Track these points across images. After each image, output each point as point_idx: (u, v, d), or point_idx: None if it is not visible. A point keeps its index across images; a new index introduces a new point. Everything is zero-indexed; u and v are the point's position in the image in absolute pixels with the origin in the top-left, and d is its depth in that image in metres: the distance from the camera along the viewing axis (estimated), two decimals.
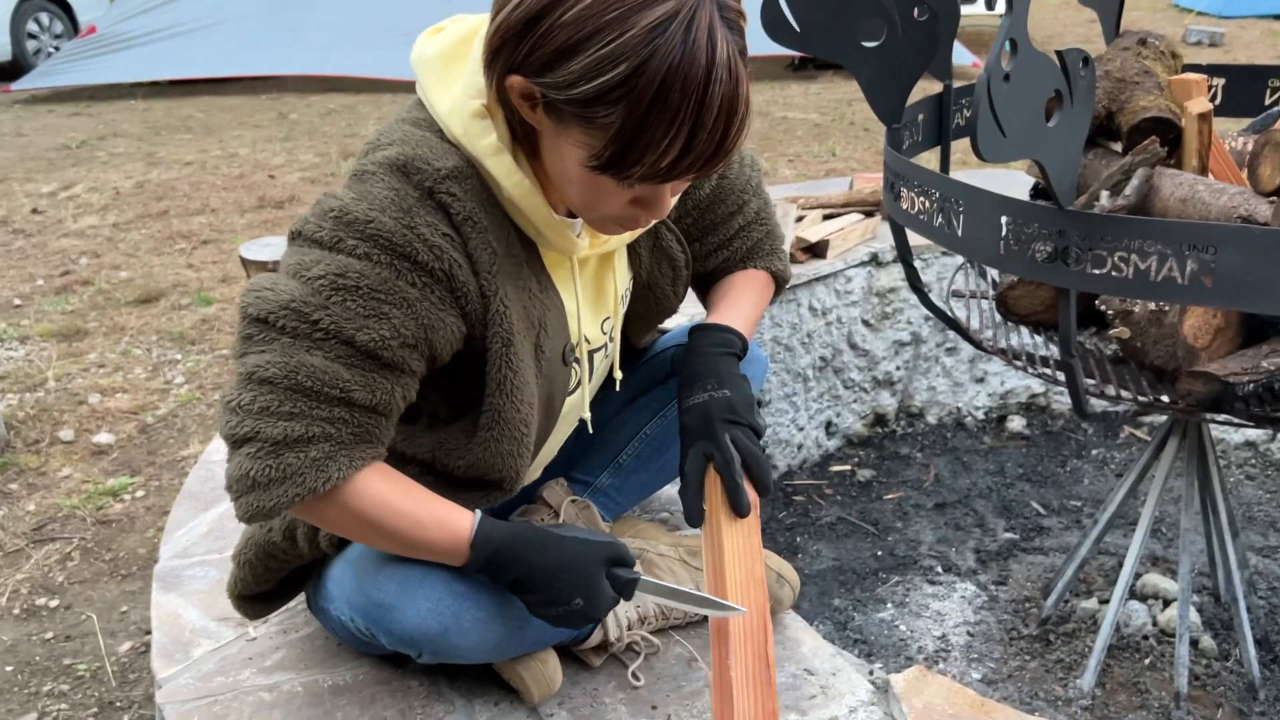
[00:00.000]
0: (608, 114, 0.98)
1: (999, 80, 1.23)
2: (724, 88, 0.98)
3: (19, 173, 5.92)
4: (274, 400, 1.05)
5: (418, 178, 1.08)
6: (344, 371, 1.06)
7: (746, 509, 1.25)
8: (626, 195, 1.08)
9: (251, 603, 1.35)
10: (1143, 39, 1.84)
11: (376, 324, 1.06)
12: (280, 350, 1.05)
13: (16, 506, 2.61)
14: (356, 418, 1.08)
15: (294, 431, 1.05)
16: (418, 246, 1.06)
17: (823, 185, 3.44)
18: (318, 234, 1.07)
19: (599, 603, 1.16)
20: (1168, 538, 2.44)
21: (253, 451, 1.05)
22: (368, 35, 7.94)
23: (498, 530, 1.15)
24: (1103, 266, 1.35)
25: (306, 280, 1.05)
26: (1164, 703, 1.90)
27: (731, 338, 1.36)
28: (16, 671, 2.04)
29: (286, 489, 1.05)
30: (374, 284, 1.05)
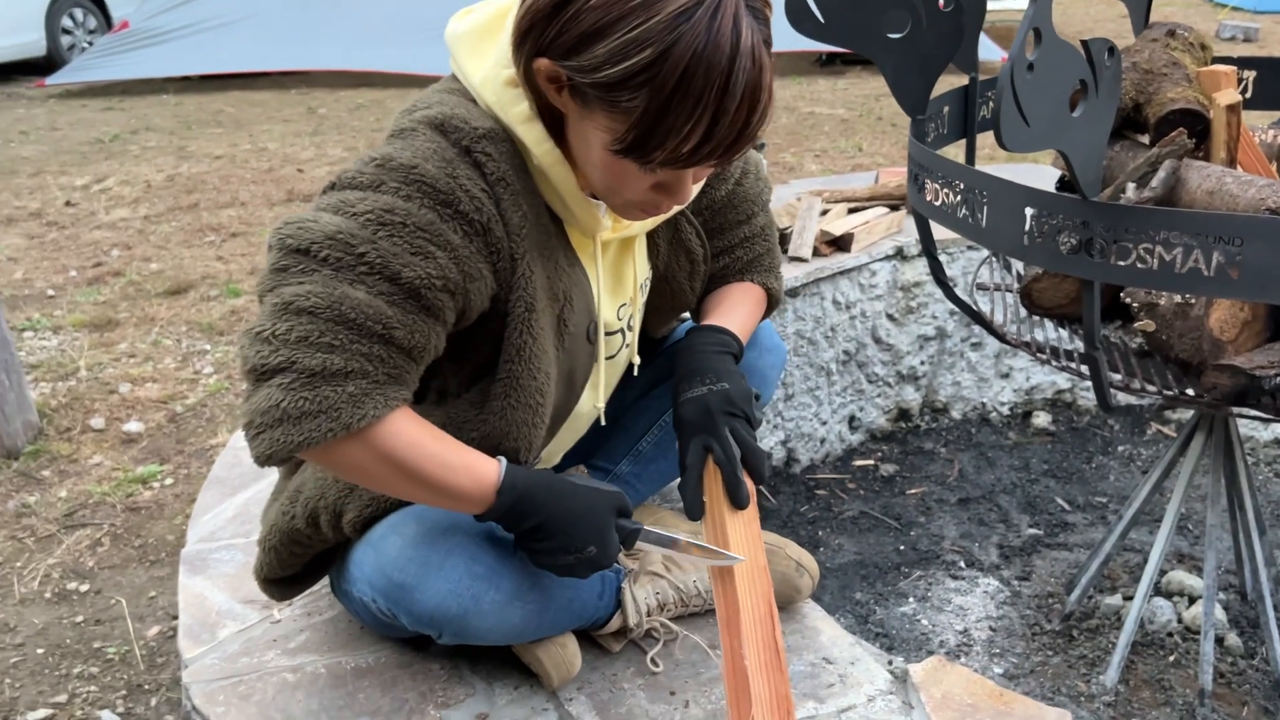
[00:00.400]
0: (631, 98, 1.00)
1: (1023, 69, 1.23)
2: (747, 75, 0.99)
3: (53, 166, 6.00)
4: (314, 330, 1.01)
5: (455, 135, 1.09)
6: (386, 308, 1.04)
7: (746, 501, 1.26)
8: (648, 180, 1.09)
9: (277, 585, 1.37)
10: (1171, 30, 1.82)
11: (422, 262, 1.05)
12: (322, 281, 1.02)
13: (49, 493, 2.65)
14: (394, 358, 1.06)
15: (333, 364, 1.01)
16: (460, 195, 1.07)
17: (848, 179, 3.43)
18: (359, 178, 1.07)
19: (609, 551, 1.17)
20: (1193, 535, 2.42)
21: (285, 382, 1.01)
22: (396, 31, 7.99)
23: (522, 477, 1.14)
24: (1127, 258, 1.35)
25: (352, 215, 1.04)
26: (1188, 700, 1.89)
27: (728, 339, 1.37)
28: (48, 653, 2.07)
29: (319, 423, 1.01)
30: (420, 223, 1.05)
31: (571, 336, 1.23)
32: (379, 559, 1.20)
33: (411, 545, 1.18)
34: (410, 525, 1.20)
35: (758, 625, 1.19)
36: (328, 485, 1.24)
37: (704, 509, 1.28)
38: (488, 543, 1.21)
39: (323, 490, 1.24)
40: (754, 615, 1.19)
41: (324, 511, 1.24)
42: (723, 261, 1.47)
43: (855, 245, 2.70)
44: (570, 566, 1.17)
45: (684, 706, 1.30)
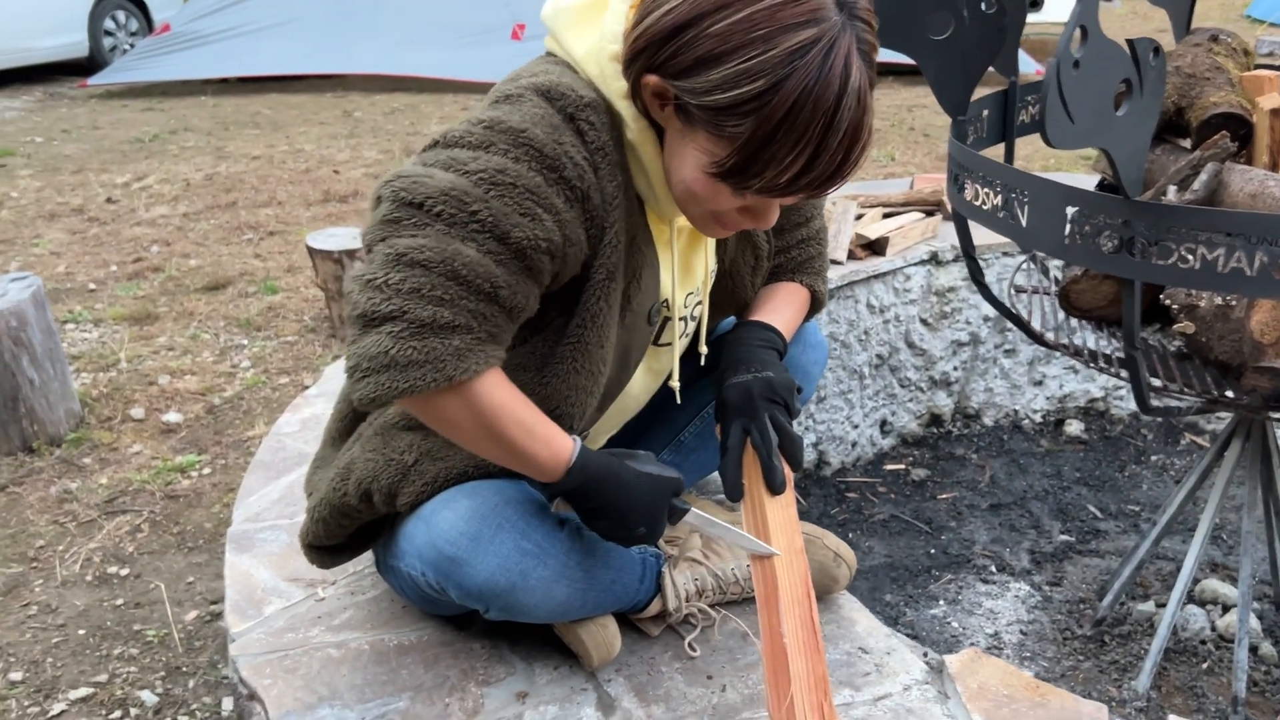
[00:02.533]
0: (738, 125, 1.04)
1: (1069, 66, 1.24)
2: (852, 114, 1.03)
3: (95, 164, 6.09)
4: (426, 283, 1.04)
5: (560, 103, 1.12)
6: (494, 267, 1.07)
7: (781, 485, 1.29)
8: (737, 202, 1.13)
9: (320, 553, 1.39)
10: (1214, 35, 1.83)
11: (530, 224, 1.08)
12: (435, 235, 1.05)
13: (90, 480, 2.70)
14: (496, 316, 1.09)
15: (442, 317, 1.04)
16: (565, 162, 1.10)
17: (882, 185, 3.44)
18: (467, 138, 1.09)
19: (657, 531, 1.21)
20: (1228, 544, 2.41)
21: (396, 331, 1.04)
22: (432, 36, 8.06)
23: (592, 460, 1.18)
24: (1169, 258, 1.35)
25: (464, 173, 1.07)
26: (1221, 708, 1.88)
27: (774, 335, 1.40)
28: (89, 635, 2.11)
29: (425, 373, 1.04)
30: (529, 185, 1.08)
31: (634, 314, 1.26)
32: (430, 533, 1.22)
33: (463, 520, 1.20)
34: (462, 501, 1.22)
35: (795, 605, 1.20)
36: (380, 468, 1.27)
37: (744, 491, 1.30)
38: (536, 520, 1.24)
39: (375, 473, 1.27)
40: (792, 595, 1.21)
41: (378, 491, 1.27)
42: (778, 260, 1.50)
43: (890, 249, 2.71)
44: (620, 539, 1.21)
45: (721, 691, 1.31)
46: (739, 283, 1.46)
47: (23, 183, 5.69)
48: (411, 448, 1.26)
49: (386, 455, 1.27)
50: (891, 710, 1.27)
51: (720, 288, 1.47)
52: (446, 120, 7.10)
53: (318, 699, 1.29)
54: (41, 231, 4.81)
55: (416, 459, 1.26)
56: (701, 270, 1.38)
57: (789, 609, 1.20)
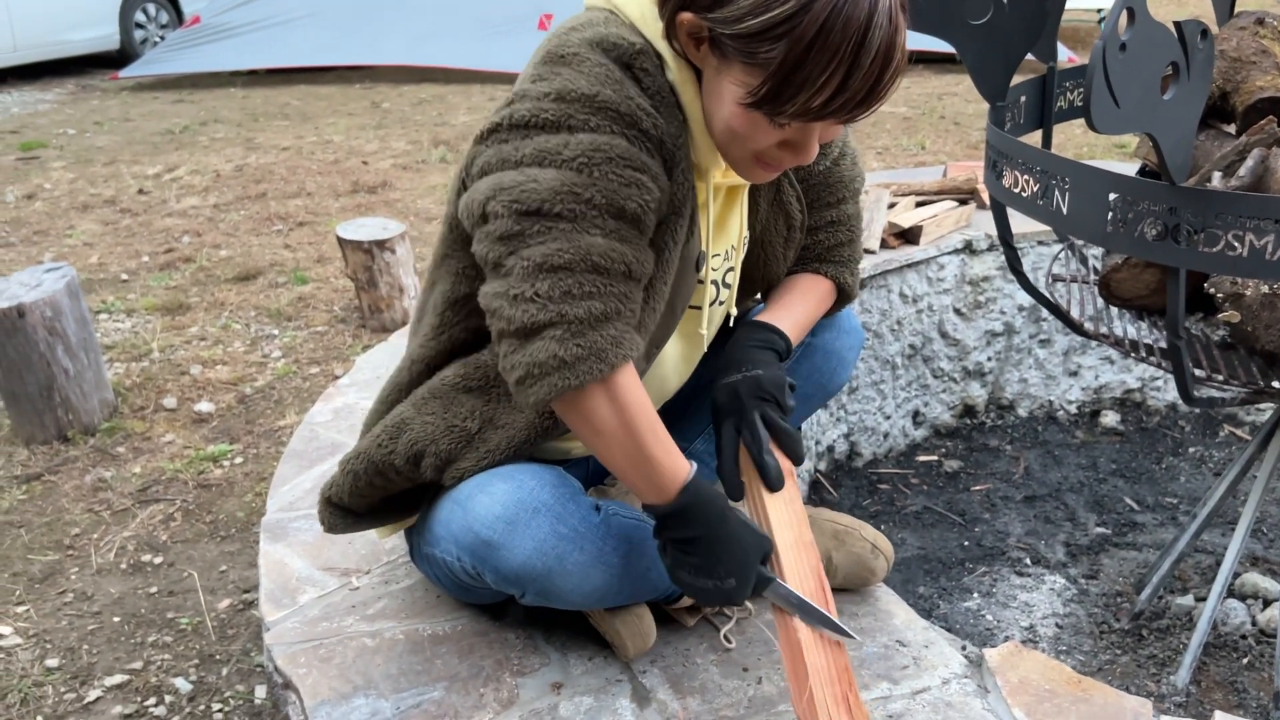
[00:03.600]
0: (770, 50, 1.03)
1: (1115, 49, 1.21)
2: (883, 33, 1.02)
3: (126, 155, 6.14)
4: (573, 284, 1.08)
5: (615, 53, 1.12)
6: (621, 246, 1.10)
7: (778, 482, 1.27)
8: (776, 135, 1.12)
9: (334, 511, 1.36)
10: (1260, 19, 1.79)
11: (637, 191, 1.10)
12: (564, 236, 1.08)
13: (124, 469, 2.72)
14: (634, 293, 1.13)
15: (596, 310, 1.09)
16: (640, 115, 1.11)
17: (914, 174, 3.41)
18: (541, 115, 1.10)
19: (744, 590, 1.18)
20: (1269, 538, 2.37)
21: (558, 334, 1.08)
22: (459, 27, 8.07)
23: (705, 486, 1.18)
24: (1215, 245, 1.32)
25: (562, 164, 1.08)
26: (1262, 703, 1.85)
27: (774, 337, 1.38)
28: (124, 622, 2.12)
29: (591, 365, 1.08)
30: (622, 153, 1.09)
31: (685, 261, 1.25)
32: (467, 517, 1.21)
33: (500, 504, 1.20)
34: (498, 485, 1.21)
35: (809, 599, 1.19)
36: (440, 432, 1.25)
37: (744, 490, 1.28)
38: (573, 504, 1.23)
39: (434, 436, 1.25)
40: (803, 588, 1.19)
41: (431, 456, 1.25)
42: (805, 241, 1.47)
43: (923, 238, 2.68)
44: (705, 591, 1.18)
45: (757, 683, 1.30)
46: (771, 254, 1.43)
47: (56, 174, 5.75)
48: (474, 414, 1.25)
49: (448, 420, 1.25)
50: (930, 704, 1.26)
51: (752, 261, 1.44)
52: (474, 111, 7.10)
53: (353, 688, 1.29)
54: (74, 222, 4.85)
55: (480, 427, 1.25)
56: (736, 232, 1.36)
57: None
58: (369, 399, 2.08)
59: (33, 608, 2.17)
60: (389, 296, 3.48)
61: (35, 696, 1.91)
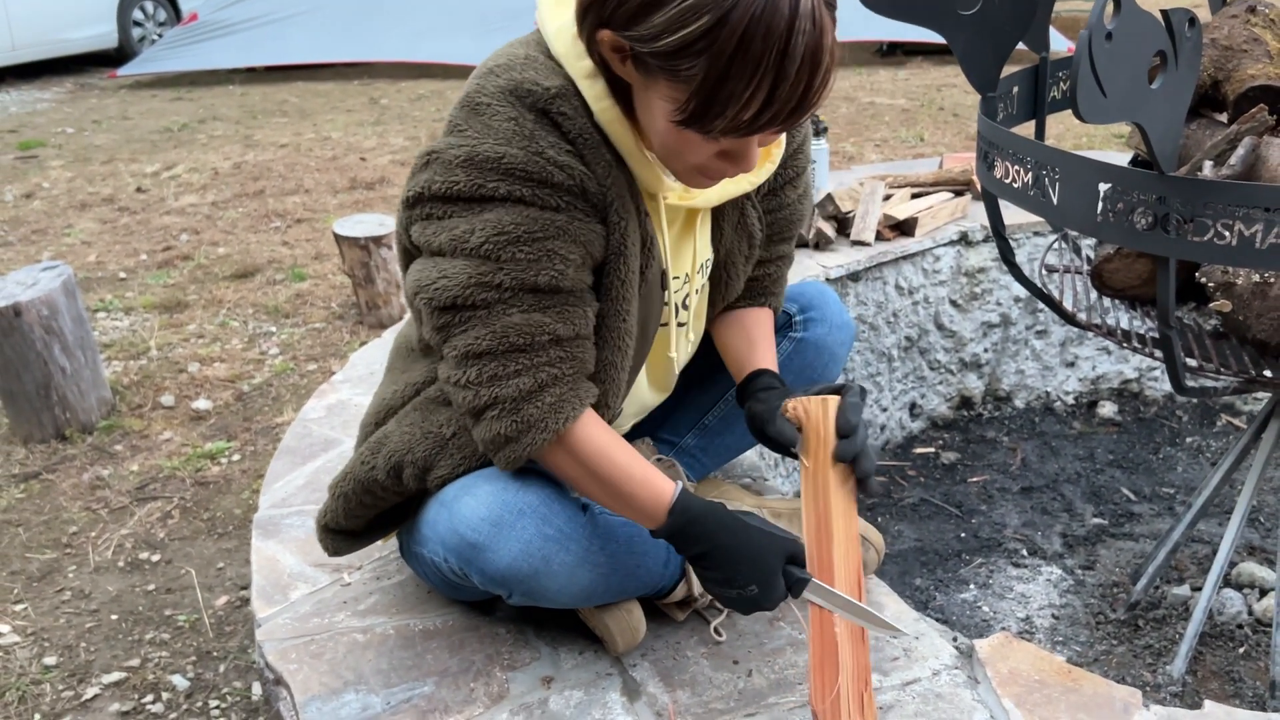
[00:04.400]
0: (691, 66, 0.99)
1: (1101, 38, 1.21)
2: (807, 38, 0.98)
3: (124, 154, 6.14)
4: (498, 366, 1.13)
5: (529, 99, 1.11)
6: (542, 317, 1.13)
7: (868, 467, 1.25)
8: (713, 148, 1.09)
9: (336, 536, 1.38)
10: (1252, 7, 1.78)
11: (548, 263, 1.12)
12: (481, 323, 1.13)
13: (121, 466, 2.72)
14: (568, 350, 1.16)
15: (524, 385, 1.14)
16: (551, 170, 1.10)
17: (911, 165, 3.40)
18: (454, 188, 1.11)
19: (772, 596, 1.18)
20: (1265, 527, 2.37)
21: (495, 414, 1.16)
22: (456, 23, 8.06)
23: (694, 503, 1.19)
24: (1205, 234, 1.32)
25: (470, 251, 1.11)
26: (1258, 692, 1.85)
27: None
28: (121, 620, 2.13)
29: (534, 436, 1.15)
30: (530, 228, 1.10)
31: (648, 284, 1.24)
32: (453, 519, 1.22)
33: (485, 506, 1.20)
34: (484, 486, 1.22)
35: (849, 595, 1.18)
36: (416, 440, 1.26)
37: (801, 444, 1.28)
38: (559, 505, 1.23)
39: (410, 445, 1.26)
40: (846, 584, 1.19)
41: (410, 465, 1.27)
42: (756, 273, 1.48)
43: (919, 230, 2.68)
44: (733, 601, 1.20)
45: (747, 676, 1.30)
46: (733, 274, 1.43)
47: (54, 173, 5.75)
48: (450, 421, 1.26)
49: (424, 429, 1.27)
50: (920, 695, 1.26)
51: (714, 280, 1.43)
52: None
53: (343, 684, 1.29)
54: (73, 221, 4.86)
55: (455, 432, 1.26)
56: (690, 257, 1.35)
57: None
58: (363, 395, 2.08)
59: (30, 606, 2.18)
60: (386, 293, 3.48)
61: (33, 694, 1.91)
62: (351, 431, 1.92)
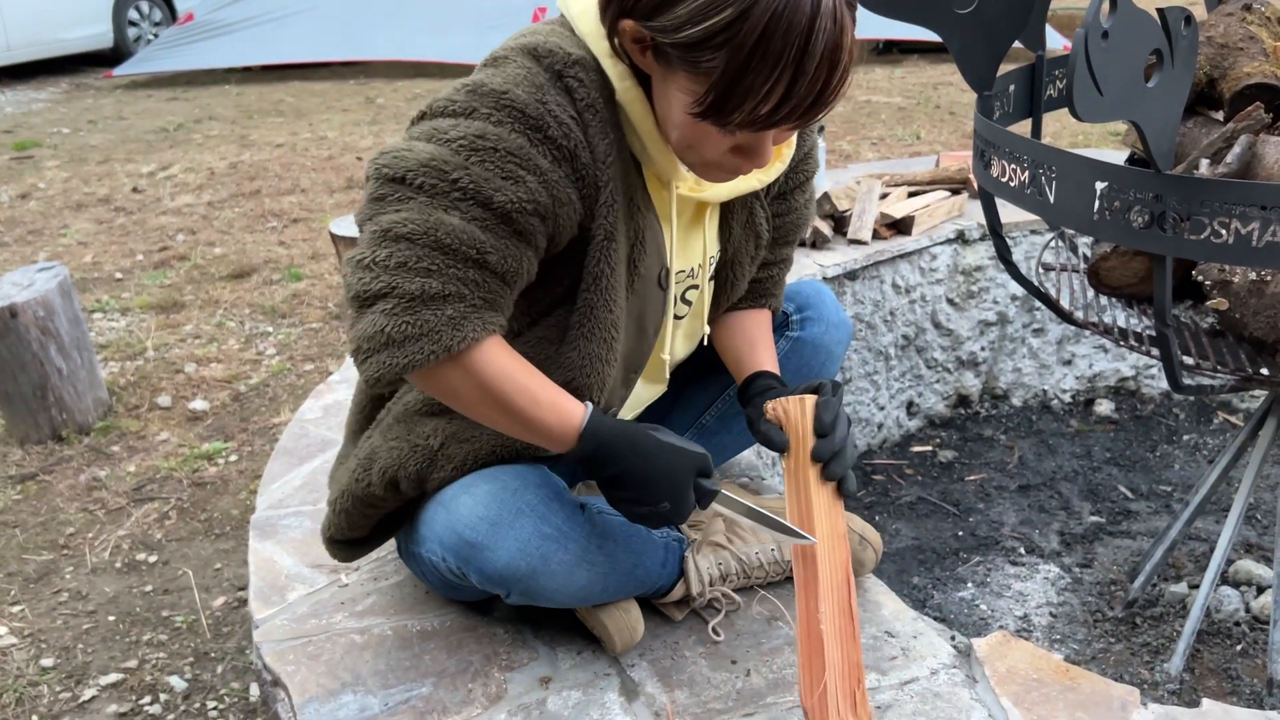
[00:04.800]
0: (711, 59, 1.00)
1: (1097, 37, 1.21)
2: (827, 36, 0.99)
3: (120, 154, 6.13)
4: (411, 256, 1.05)
5: (548, 60, 1.11)
6: (480, 233, 1.07)
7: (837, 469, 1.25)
8: (728, 142, 1.10)
9: (342, 546, 1.39)
10: (1248, 4, 1.78)
11: (513, 187, 1.07)
12: (418, 208, 1.06)
13: (118, 467, 2.72)
14: (489, 282, 1.09)
15: (431, 288, 1.05)
16: (549, 121, 1.09)
17: (908, 164, 3.40)
18: (450, 105, 1.10)
19: (683, 509, 1.18)
20: (1262, 524, 2.37)
21: (388, 308, 1.05)
22: (453, 22, 8.05)
23: (605, 426, 1.16)
24: (1201, 232, 1.32)
25: (444, 142, 1.07)
26: (1256, 690, 1.85)
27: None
28: (118, 621, 2.12)
29: (422, 346, 1.05)
30: (511, 148, 1.07)
31: (642, 279, 1.24)
32: (450, 518, 1.22)
33: (483, 505, 1.20)
34: (481, 486, 1.22)
35: (834, 592, 1.18)
36: (405, 455, 1.26)
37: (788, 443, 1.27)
38: (557, 504, 1.23)
39: (401, 460, 1.26)
40: (832, 581, 1.19)
41: (405, 479, 1.26)
42: (759, 274, 1.49)
43: (916, 228, 2.68)
44: (644, 517, 1.18)
45: (745, 675, 1.30)
46: (739, 274, 1.43)
47: (50, 173, 5.74)
48: (436, 432, 1.26)
49: (411, 442, 1.26)
50: (918, 694, 1.26)
51: (720, 278, 1.44)
52: None
53: (341, 685, 1.29)
54: (69, 221, 4.85)
55: (442, 443, 1.25)
56: (700, 250, 1.35)
57: (828, 595, 1.18)
58: None
59: (28, 607, 2.17)
60: None
61: (30, 696, 1.91)
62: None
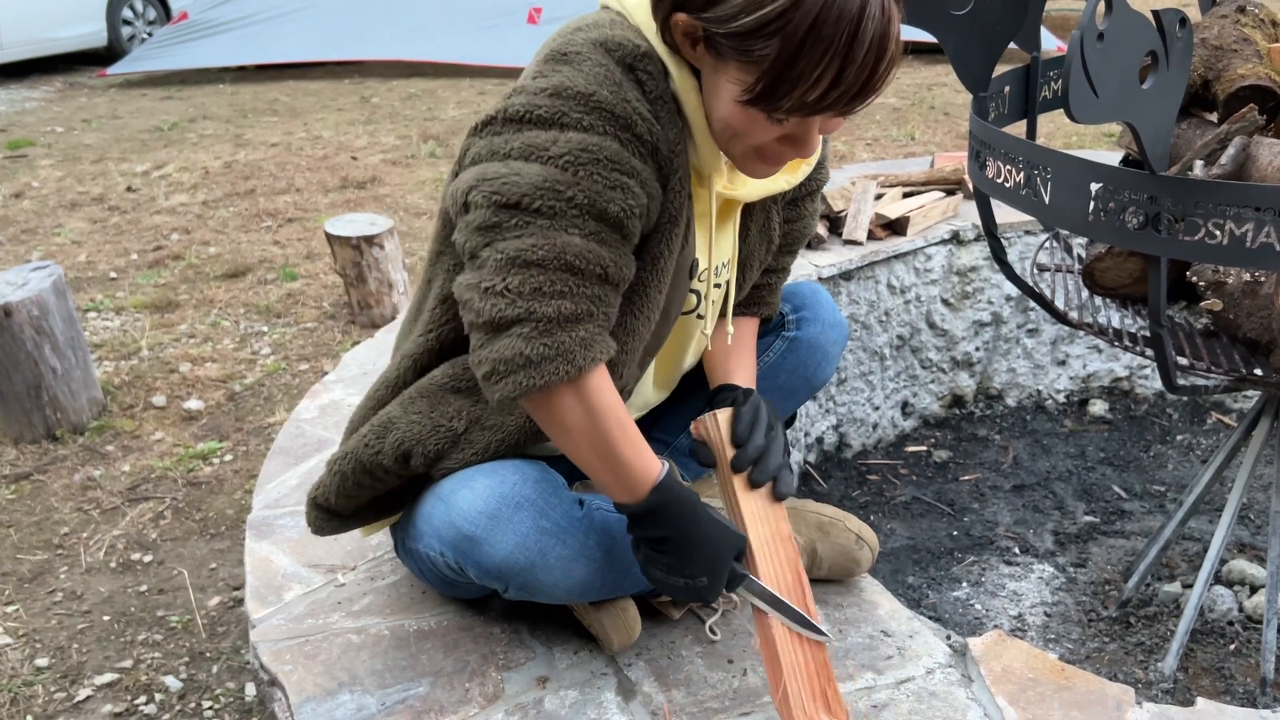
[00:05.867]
0: (764, 47, 1.03)
1: (1093, 38, 1.21)
2: (876, 24, 1.02)
3: (114, 153, 6.12)
4: (545, 281, 1.07)
5: (619, 54, 1.12)
6: (600, 249, 1.10)
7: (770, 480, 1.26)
8: (775, 131, 1.12)
9: (322, 514, 1.37)
10: (1242, 6, 1.79)
11: (621, 195, 1.09)
12: (540, 232, 1.07)
13: (113, 467, 2.71)
14: (610, 295, 1.13)
15: (565, 310, 1.08)
16: (635, 119, 1.11)
17: (903, 164, 3.41)
18: (535, 111, 1.10)
19: (717, 588, 1.18)
20: (1255, 524, 2.38)
21: (525, 332, 1.08)
22: (448, 21, 8.05)
23: (676, 486, 1.18)
24: (1196, 233, 1.33)
25: (548, 160, 1.08)
26: (1249, 689, 1.86)
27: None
28: (113, 621, 2.12)
29: (558, 366, 1.08)
30: (611, 155, 1.09)
31: (679, 268, 1.25)
32: (449, 512, 1.22)
33: (482, 499, 1.20)
34: (480, 480, 1.22)
35: (787, 594, 1.19)
36: (426, 432, 1.25)
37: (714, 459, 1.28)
38: (555, 499, 1.23)
39: (421, 436, 1.25)
40: (778, 585, 1.19)
41: (419, 456, 1.26)
42: (759, 280, 1.50)
43: (911, 229, 2.69)
44: (676, 588, 1.19)
45: (742, 675, 1.30)
46: (747, 276, 1.44)
47: (44, 172, 5.73)
48: (461, 414, 1.26)
49: (434, 420, 1.26)
50: (914, 694, 1.26)
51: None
52: (463, 106, 7.08)
53: (338, 685, 1.29)
54: (63, 221, 4.84)
55: (467, 427, 1.25)
56: (728, 247, 1.36)
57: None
58: (356, 396, 2.07)
59: (22, 607, 2.17)
60: (378, 292, 3.47)
61: (25, 696, 1.91)
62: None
